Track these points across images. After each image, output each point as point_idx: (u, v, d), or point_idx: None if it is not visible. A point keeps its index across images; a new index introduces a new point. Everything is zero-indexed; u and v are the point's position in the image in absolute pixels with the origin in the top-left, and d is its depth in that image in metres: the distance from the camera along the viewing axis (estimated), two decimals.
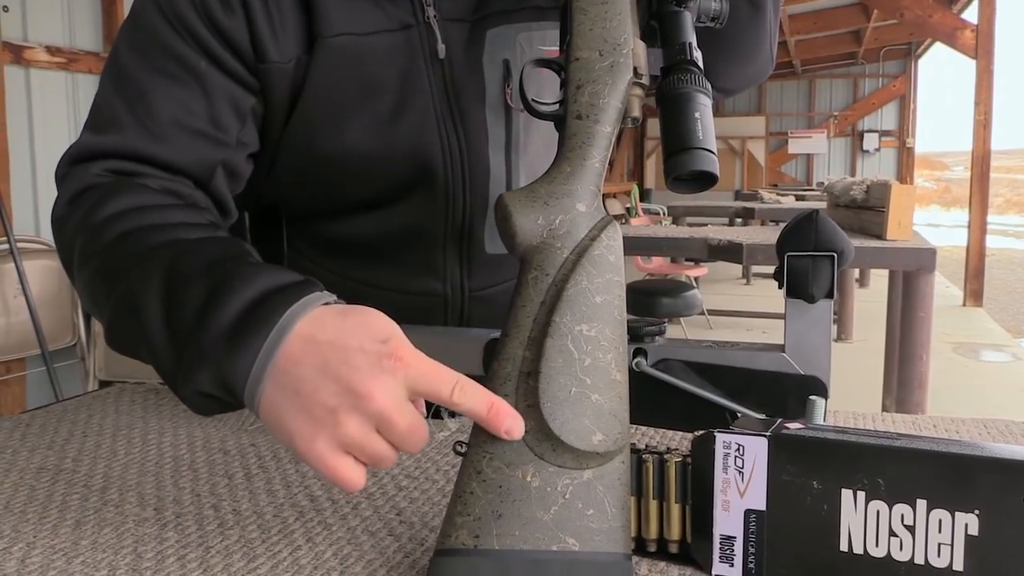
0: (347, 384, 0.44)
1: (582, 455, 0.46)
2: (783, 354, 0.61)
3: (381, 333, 0.46)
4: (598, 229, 0.50)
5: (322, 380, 0.45)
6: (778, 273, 0.60)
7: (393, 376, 0.45)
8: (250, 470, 0.70)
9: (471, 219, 0.80)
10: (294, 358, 0.46)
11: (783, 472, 0.47)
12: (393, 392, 0.44)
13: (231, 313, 0.48)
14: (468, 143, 0.79)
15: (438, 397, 0.45)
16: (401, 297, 0.82)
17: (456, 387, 0.45)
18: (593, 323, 0.48)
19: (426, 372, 0.45)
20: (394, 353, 0.45)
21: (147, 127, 0.67)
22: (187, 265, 0.52)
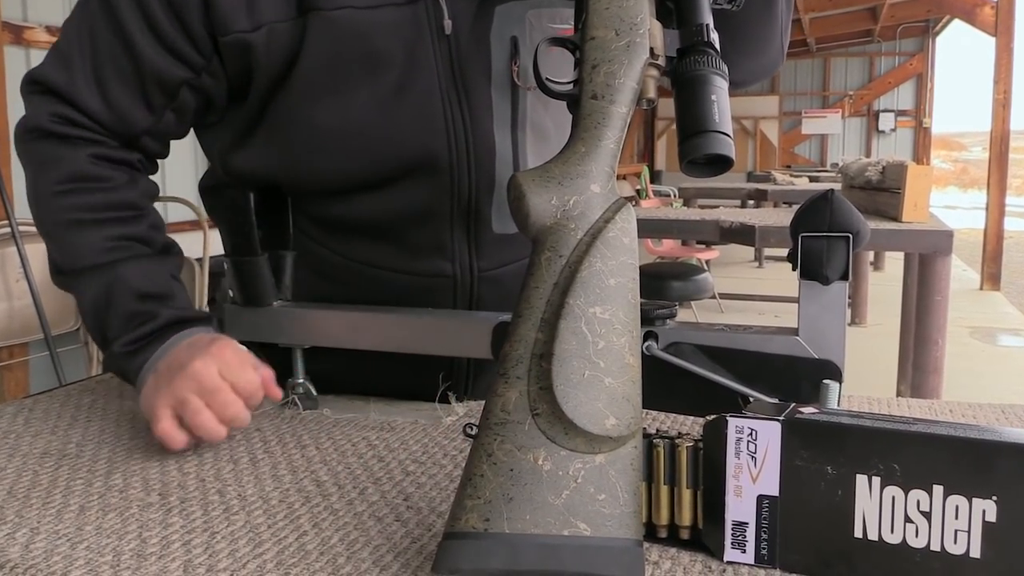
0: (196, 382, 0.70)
1: (595, 439, 0.46)
2: (796, 337, 0.61)
3: (213, 348, 0.72)
4: (612, 211, 0.50)
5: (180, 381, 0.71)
6: (792, 255, 0.60)
7: (216, 367, 0.70)
8: (255, 455, 0.71)
9: (477, 198, 0.81)
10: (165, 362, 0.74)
11: (796, 457, 0.47)
12: (214, 375, 0.70)
13: (140, 336, 0.76)
14: (473, 120, 0.79)
15: (236, 379, 0.71)
16: (409, 279, 0.83)
17: None
18: (607, 306, 0.48)
19: (230, 365, 0.72)
20: (216, 354, 0.71)
21: (90, 80, 0.77)
22: (120, 289, 0.76)
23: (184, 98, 0.79)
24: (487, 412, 0.48)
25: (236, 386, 0.71)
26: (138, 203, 0.80)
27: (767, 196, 5.33)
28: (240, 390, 0.71)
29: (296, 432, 0.77)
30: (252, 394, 0.72)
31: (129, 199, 0.79)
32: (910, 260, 3.57)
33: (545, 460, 0.46)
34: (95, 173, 0.78)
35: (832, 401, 0.56)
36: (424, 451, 0.71)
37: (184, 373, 0.71)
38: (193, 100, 0.79)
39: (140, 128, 0.79)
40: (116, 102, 0.77)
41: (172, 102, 0.79)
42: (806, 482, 0.47)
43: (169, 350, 0.75)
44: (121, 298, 0.76)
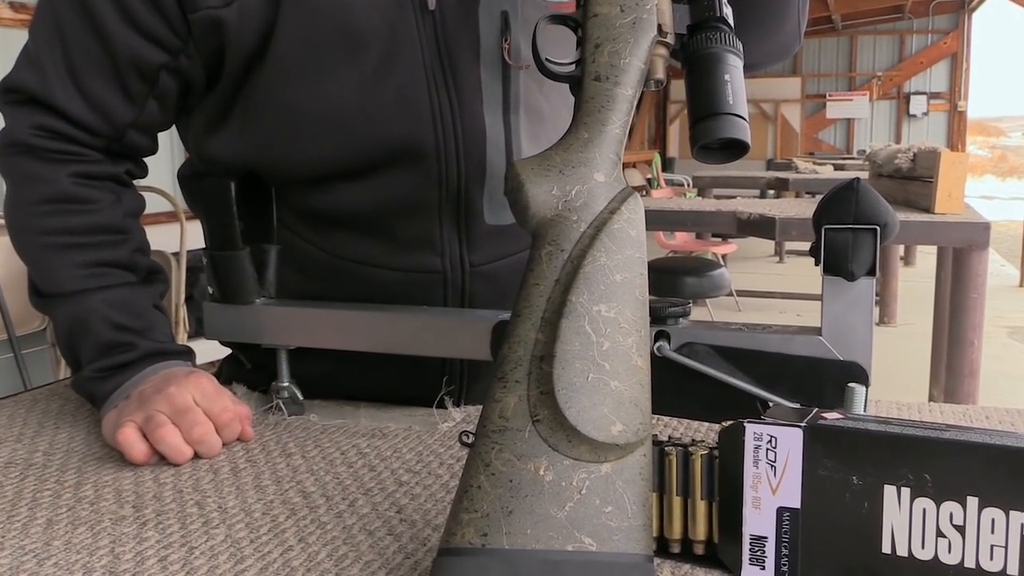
0: (169, 406, 0.73)
1: (600, 447, 0.46)
2: (819, 337, 0.61)
3: (182, 376, 0.76)
4: (618, 201, 0.50)
5: (148, 404, 0.74)
6: (815, 248, 0.60)
7: (190, 393, 0.74)
8: (237, 464, 0.71)
9: (467, 187, 0.81)
10: (135, 395, 0.77)
11: (820, 466, 0.47)
12: (188, 401, 0.73)
13: (108, 365, 0.78)
14: (461, 103, 0.79)
15: (208, 408, 0.75)
16: (396, 275, 0.83)
17: None
18: (612, 303, 0.48)
19: (208, 393, 0.76)
20: (192, 383, 0.75)
21: (64, 77, 0.78)
22: (94, 325, 0.78)
23: (165, 84, 0.79)
24: (484, 419, 0.48)
25: (209, 412, 0.73)
26: (122, 225, 0.81)
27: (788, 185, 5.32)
28: (213, 416, 0.73)
29: (281, 439, 0.77)
30: (226, 423, 0.73)
31: (112, 222, 0.81)
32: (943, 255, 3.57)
33: (547, 470, 0.46)
34: (77, 194, 0.79)
35: (858, 406, 0.56)
36: (418, 460, 0.71)
37: (157, 396, 0.73)
38: (174, 85, 0.80)
39: (123, 122, 0.80)
40: (95, 96, 0.78)
41: (153, 89, 0.79)
42: (830, 493, 0.47)
43: (144, 379, 0.77)
44: (98, 327, 0.78)
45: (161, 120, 0.83)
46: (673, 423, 0.79)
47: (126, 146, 0.82)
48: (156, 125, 0.83)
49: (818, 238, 0.59)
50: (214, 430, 0.72)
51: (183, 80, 0.80)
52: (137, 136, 0.82)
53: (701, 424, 0.78)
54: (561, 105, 0.87)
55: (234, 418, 0.74)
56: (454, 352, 0.78)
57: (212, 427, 0.72)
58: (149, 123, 0.82)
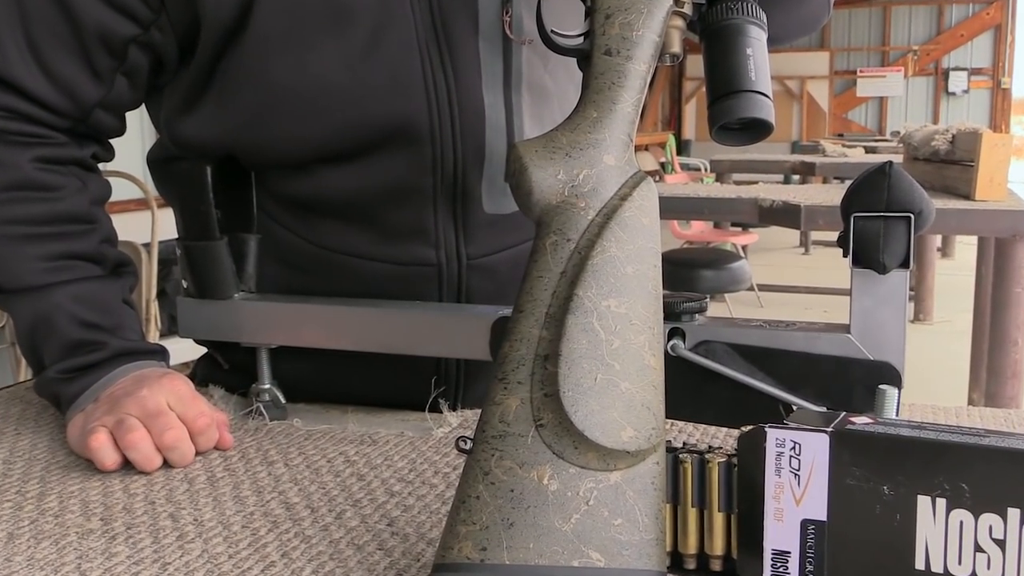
0: (139, 399, 0.75)
1: (609, 454, 0.46)
2: (848, 335, 0.61)
3: (175, 392, 0.77)
4: (630, 187, 0.50)
5: (122, 408, 0.75)
6: (843, 239, 0.60)
7: (164, 398, 0.75)
8: (214, 473, 0.71)
9: (464, 172, 0.81)
10: (105, 396, 0.77)
11: (847, 475, 0.47)
12: (161, 404, 0.74)
13: (74, 366, 0.79)
14: (458, 80, 0.79)
15: (182, 414, 0.76)
16: (387, 268, 0.83)
17: None
18: (623, 298, 0.48)
19: (183, 398, 0.76)
20: (166, 385, 0.76)
21: (25, 53, 0.78)
22: (58, 323, 0.79)
23: (134, 59, 0.79)
24: (483, 423, 0.48)
25: (183, 417, 0.73)
26: (88, 214, 0.82)
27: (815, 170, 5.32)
28: (187, 421, 0.73)
29: (262, 446, 0.77)
30: (202, 430, 0.74)
31: (77, 210, 0.81)
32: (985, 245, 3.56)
33: (551, 479, 0.46)
34: (40, 181, 0.79)
35: (890, 410, 0.56)
36: (411, 468, 0.72)
37: (127, 399, 0.73)
38: (145, 60, 0.80)
39: (90, 101, 0.80)
40: (59, 73, 0.78)
41: (121, 64, 0.79)
42: (859, 504, 0.47)
43: (113, 380, 0.77)
44: (63, 324, 0.78)
45: (130, 99, 0.83)
46: (688, 428, 0.79)
47: (92, 127, 0.82)
48: (125, 104, 0.83)
49: (847, 227, 0.59)
50: (188, 436, 0.73)
51: (154, 55, 0.80)
52: (104, 116, 0.82)
53: (719, 429, 0.78)
54: (567, 83, 0.87)
55: (210, 424, 0.74)
56: (450, 351, 0.78)
57: (186, 433, 0.73)
58: (117, 102, 0.82)
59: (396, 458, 0.74)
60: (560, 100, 0.86)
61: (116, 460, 0.71)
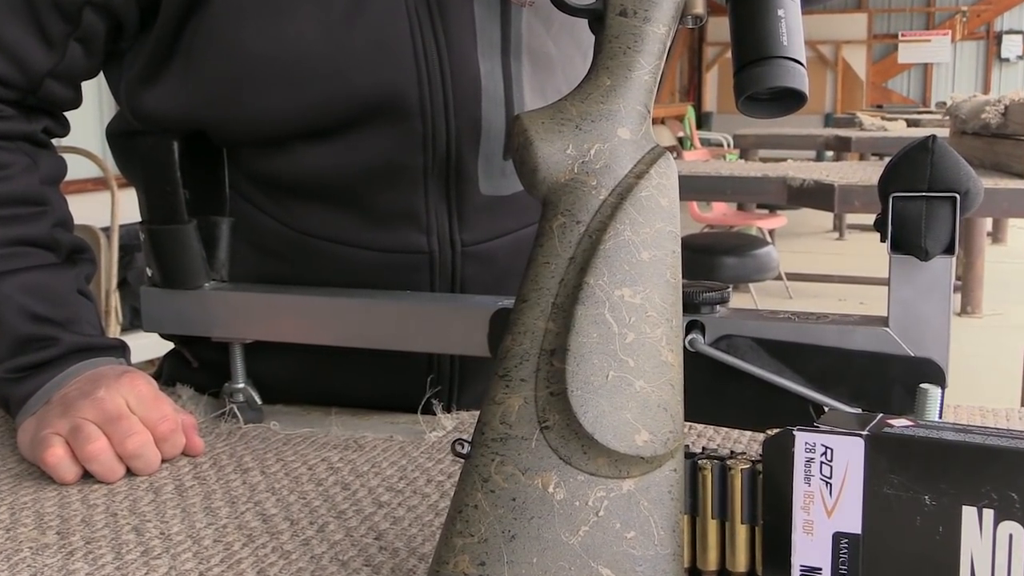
0: (96, 402, 0.74)
1: (622, 460, 0.47)
2: (886, 329, 0.61)
3: (136, 391, 0.76)
4: (647, 163, 0.50)
5: (75, 412, 0.74)
6: (880, 221, 0.60)
7: (124, 399, 0.75)
8: (182, 482, 0.71)
9: (459, 149, 0.81)
10: (58, 400, 0.77)
11: (885, 483, 0.47)
12: (121, 406, 0.74)
13: (25, 364, 0.79)
14: (450, 46, 0.79)
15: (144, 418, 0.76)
16: (373, 255, 0.83)
17: None
18: (638, 287, 0.48)
19: (145, 399, 0.76)
20: (129, 384, 0.76)
21: None
22: (7, 316, 0.78)
23: (89, 23, 0.79)
24: (482, 424, 0.48)
25: (146, 421, 0.73)
26: (39, 195, 0.81)
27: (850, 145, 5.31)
28: (150, 425, 0.73)
29: (235, 452, 0.77)
30: (166, 434, 0.74)
31: (28, 191, 0.81)
32: None
33: (557, 487, 0.47)
34: None
35: (932, 411, 0.56)
36: (401, 476, 0.72)
37: (83, 401, 0.73)
38: (101, 25, 0.79)
39: (40, 70, 0.80)
40: (5, 39, 0.78)
41: (75, 29, 0.79)
42: (897, 515, 0.47)
43: (68, 379, 0.77)
44: (11, 318, 0.78)
45: (85, 67, 0.82)
46: (709, 431, 0.79)
47: (43, 99, 0.82)
48: (79, 73, 0.83)
49: (885, 208, 0.59)
50: (152, 441, 0.73)
51: (112, 19, 0.80)
52: (56, 86, 0.81)
53: (742, 433, 0.78)
54: (573, 50, 0.87)
55: (175, 429, 0.75)
56: (444, 347, 0.78)
57: (150, 438, 0.73)
58: (71, 70, 0.81)
59: (384, 465, 0.74)
60: (564, 69, 0.86)
61: (76, 473, 0.71)
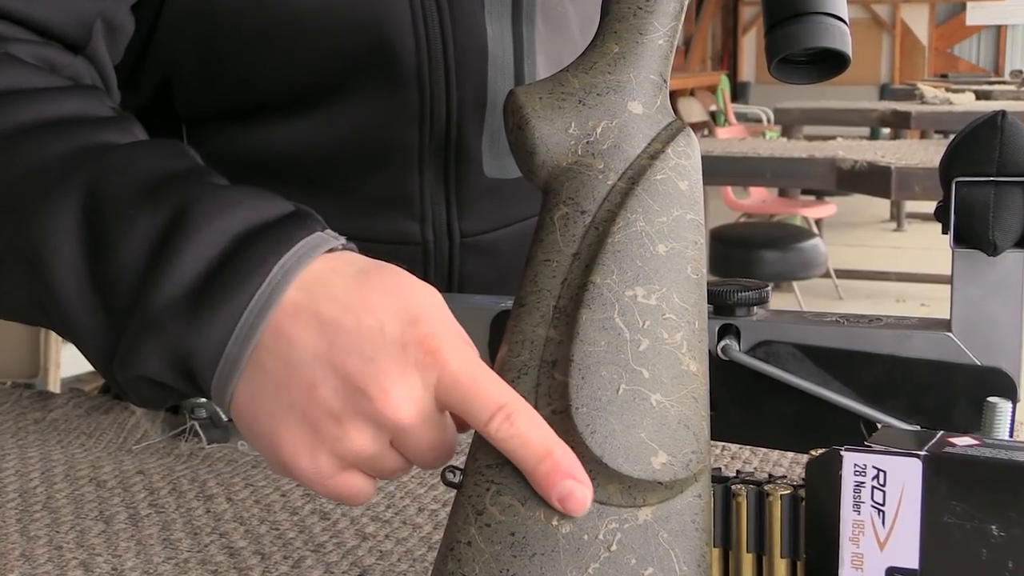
0: (357, 381, 0.48)
1: (636, 486, 0.46)
2: (949, 334, 0.61)
3: (411, 308, 0.50)
4: (662, 141, 0.50)
5: (323, 371, 0.49)
6: (942, 210, 0.60)
7: (420, 373, 0.48)
8: (137, 510, 0.71)
9: (460, 124, 0.81)
10: (285, 335, 0.49)
11: (946, 511, 0.47)
12: (417, 396, 0.48)
13: (194, 264, 0.51)
14: (453, 5, 0.79)
15: (471, 420, 0.48)
16: (358, 247, 0.83)
17: (500, 415, 0.47)
18: (654, 285, 0.48)
19: (463, 382, 0.48)
20: (425, 343, 0.48)
21: None
22: (114, 189, 0.54)
23: None
24: (475, 450, 0.48)
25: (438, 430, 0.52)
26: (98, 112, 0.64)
27: (910, 121, 5.31)
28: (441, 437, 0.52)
29: (198, 476, 0.77)
30: None
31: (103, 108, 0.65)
32: None
33: (562, 519, 0.46)
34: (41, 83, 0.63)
35: (1001, 428, 0.56)
36: (388, 504, 0.72)
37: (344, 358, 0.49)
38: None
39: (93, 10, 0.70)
40: None
41: None
42: (960, 548, 0.47)
43: (282, 292, 0.50)
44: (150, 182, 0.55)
45: (126, 22, 0.75)
46: (744, 452, 0.79)
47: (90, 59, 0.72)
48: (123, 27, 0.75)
49: (947, 195, 0.59)
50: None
51: None
52: (100, 45, 0.72)
53: (781, 454, 0.78)
54: (593, 9, 0.87)
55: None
56: None
57: (444, 436, 0.51)
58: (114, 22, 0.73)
59: None
60: (584, 32, 0.86)
61: (374, 486, 0.52)
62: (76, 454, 0.82)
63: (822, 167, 3.00)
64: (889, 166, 2.74)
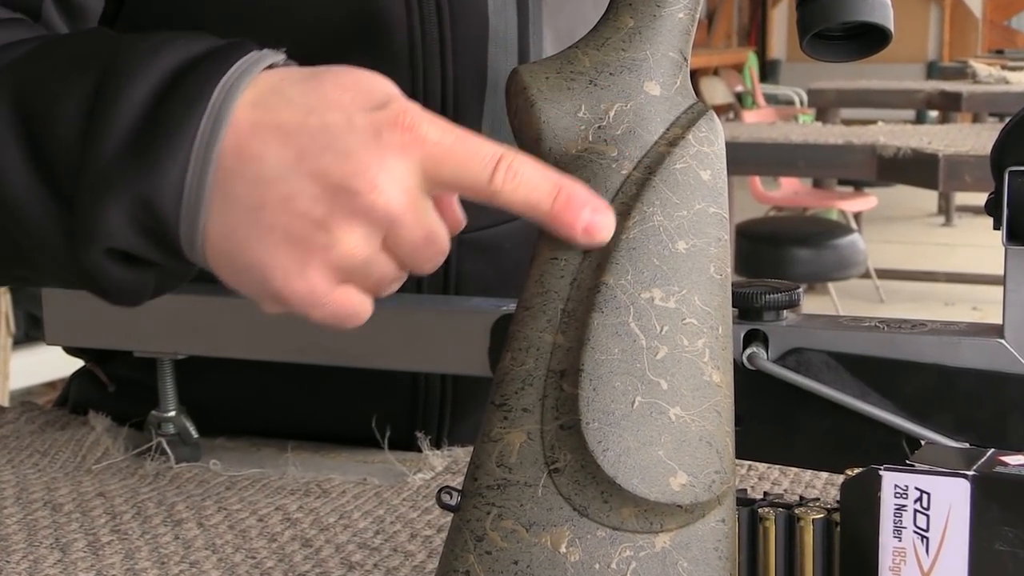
0: (338, 180, 0.49)
1: (653, 509, 0.47)
2: (1000, 341, 0.61)
3: (375, 94, 0.51)
4: (682, 126, 0.50)
5: (298, 180, 0.50)
6: (993, 203, 0.60)
7: (403, 155, 0.50)
8: (98, 537, 0.71)
9: (457, 106, 0.81)
10: (248, 154, 0.51)
11: (997, 537, 0.47)
12: (404, 181, 0.50)
13: (130, 111, 0.52)
14: None
15: (472, 185, 0.50)
16: None
17: (501, 167, 0.49)
18: (673, 286, 0.48)
19: (452, 148, 0.50)
20: (400, 121, 0.50)
21: None
22: (38, 75, 0.56)
23: None
24: (475, 468, 0.48)
25: None
26: None
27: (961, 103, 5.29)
28: None
29: (166, 498, 0.77)
30: None
31: None
32: None
33: (571, 545, 0.47)
34: None
35: None
36: (378, 530, 0.72)
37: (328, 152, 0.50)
38: None
39: None
40: None
41: None
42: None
43: (229, 111, 0.52)
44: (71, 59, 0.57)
45: None
46: (772, 472, 0.79)
47: None
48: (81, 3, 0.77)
49: (999, 186, 0.59)
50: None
51: None
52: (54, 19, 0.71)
53: (814, 474, 0.78)
54: None
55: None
56: (433, 364, 0.78)
57: (436, 227, 0.53)
58: None
59: (356, 515, 0.74)
60: (598, 6, 0.86)
61: (371, 304, 0.54)
62: (29, 474, 0.82)
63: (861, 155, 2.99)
64: (936, 154, 2.73)
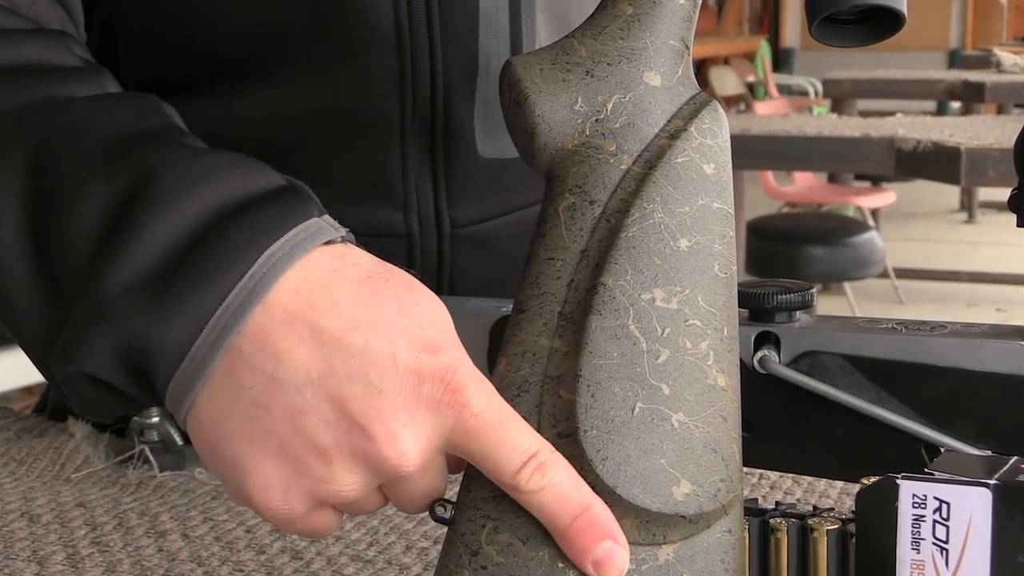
0: (357, 416, 0.47)
1: (655, 520, 0.47)
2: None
3: (429, 332, 0.48)
4: (684, 118, 0.50)
5: (315, 398, 0.47)
6: (1016, 199, 0.60)
7: (436, 413, 0.47)
8: (77, 549, 0.71)
9: (447, 94, 0.81)
10: (273, 347, 0.48)
11: (1020, 548, 0.47)
12: (426, 440, 0.47)
13: (158, 242, 0.49)
14: None
15: (494, 470, 0.47)
16: None
17: (531, 465, 0.46)
18: (675, 286, 0.48)
19: (490, 427, 0.47)
20: (447, 378, 0.47)
21: None
22: (67, 149, 0.53)
23: None
24: (469, 480, 0.48)
25: None
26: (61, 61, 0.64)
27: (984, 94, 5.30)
28: None
29: (149, 509, 0.78)
30: None
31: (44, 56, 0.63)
32: None
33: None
34: None
35: None
36: (371, 542, 0.72)
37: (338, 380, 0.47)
38: None
39: None
40: None
41: None
42: None
43: (267, 289, 0.48)
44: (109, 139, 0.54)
45: None
46: (784, 481, 0.79)
47: None
48: None
49: (1022, 181, 0.59)
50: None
51: None
52: None
53: (830, 483, 0.78)
54: None
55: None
56: None
57: (437, 485, 0.51)
58: None
59: (348, 526, 0.74)
60: None
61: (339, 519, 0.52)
62: (4, 484, 0.82)
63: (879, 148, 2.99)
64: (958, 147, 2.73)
